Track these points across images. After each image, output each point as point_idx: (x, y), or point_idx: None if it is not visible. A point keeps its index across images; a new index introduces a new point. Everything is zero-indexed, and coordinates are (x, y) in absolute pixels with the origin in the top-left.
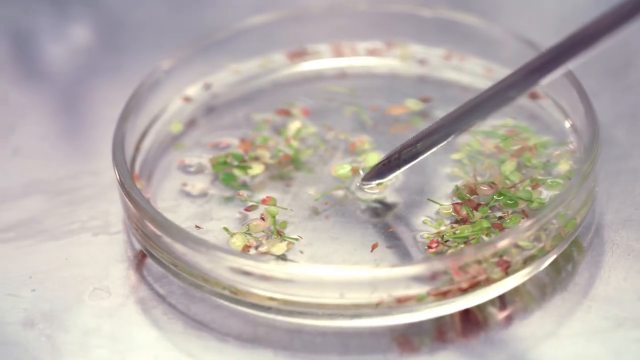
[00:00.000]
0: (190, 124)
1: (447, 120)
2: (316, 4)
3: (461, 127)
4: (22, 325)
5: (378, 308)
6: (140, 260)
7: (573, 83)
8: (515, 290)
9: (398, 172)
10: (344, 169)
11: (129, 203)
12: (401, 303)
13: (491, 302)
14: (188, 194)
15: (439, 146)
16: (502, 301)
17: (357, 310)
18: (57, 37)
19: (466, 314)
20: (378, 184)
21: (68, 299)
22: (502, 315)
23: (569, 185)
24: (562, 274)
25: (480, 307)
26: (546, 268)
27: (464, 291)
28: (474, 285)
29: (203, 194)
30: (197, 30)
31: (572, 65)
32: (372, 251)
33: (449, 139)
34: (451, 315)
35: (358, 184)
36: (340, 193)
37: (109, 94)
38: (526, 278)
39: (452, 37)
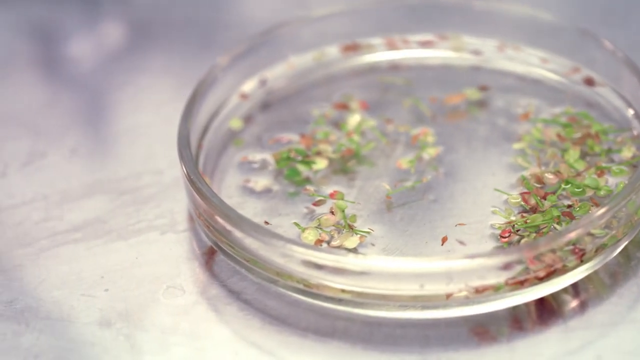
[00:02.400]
0: (247, 120)
1: None
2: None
3: None
4: (99, 325)
5: (455, 298)
6: (210, 257)
7: (631, 69)
8: (587, 278)
9: None
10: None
11: (199, 199)
12: (479, 293)
13: (564, 289)
14: (252, 191)
15: None
16: (575, 289)
17: (434, 301)
18: (95, 38)
19: (541, 302)
20: None
21: (142, 298)
22: (576, 302)
23: (639, 173)
24: (632, 261)
25: (554, 295)
26: (615, 255)
27: (540, 280)
28: (550, 274)
29: (267, 190)
30: (232, 28)
31: None
32: (443, 243)
33: None
34: (526, 304)
35: None
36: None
37: (155, 94)
38: (600, 265)
39: (504, 28)
